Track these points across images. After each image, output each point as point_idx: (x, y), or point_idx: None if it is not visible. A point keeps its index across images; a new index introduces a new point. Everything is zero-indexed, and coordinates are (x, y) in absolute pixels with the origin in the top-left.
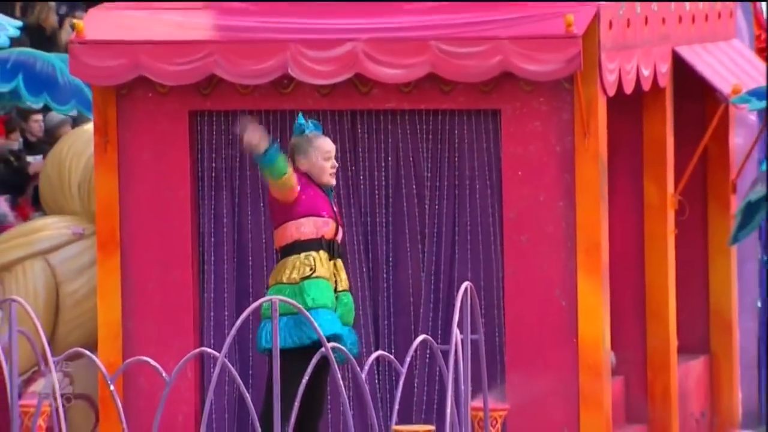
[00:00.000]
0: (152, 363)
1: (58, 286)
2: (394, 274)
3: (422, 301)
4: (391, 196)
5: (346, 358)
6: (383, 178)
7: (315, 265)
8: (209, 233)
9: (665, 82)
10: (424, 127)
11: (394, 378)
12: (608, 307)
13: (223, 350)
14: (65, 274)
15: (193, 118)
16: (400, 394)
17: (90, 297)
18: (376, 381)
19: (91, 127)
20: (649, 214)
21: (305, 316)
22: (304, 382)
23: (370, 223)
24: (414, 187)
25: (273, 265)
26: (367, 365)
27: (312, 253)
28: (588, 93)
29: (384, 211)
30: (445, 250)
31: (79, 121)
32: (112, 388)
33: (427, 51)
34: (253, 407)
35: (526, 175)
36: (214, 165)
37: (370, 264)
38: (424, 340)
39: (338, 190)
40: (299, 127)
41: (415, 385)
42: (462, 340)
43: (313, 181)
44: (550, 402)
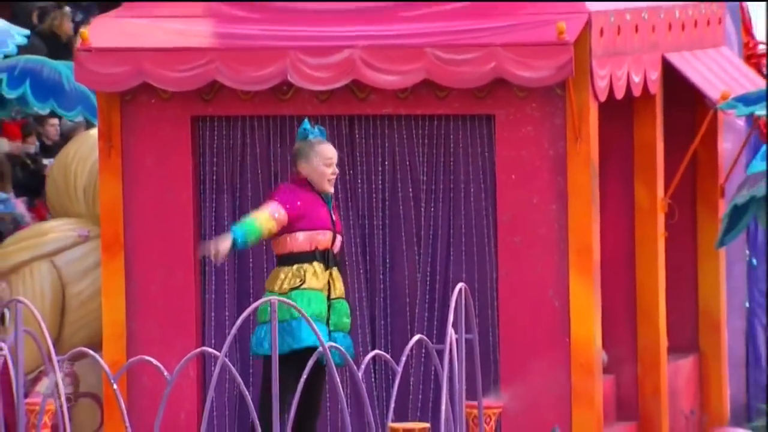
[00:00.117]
0: (154, 362)
1: (64, 287)
2: (391, 275)
3: (418, 301)
4: (388, 199)
5: (344, 361)
6: (380, 182)
7: (305, 277)
8: (211, 236)
9: (655, 89)
10: (420, 131)
11: (391, 377)
12: (599, 307)
13: (223, 350)
14: (71, 275)
15: (195, 124)
16: (396, 393)
17: (95, 298)
18: (372, 380)
19: (96, 132)
20: (640, 217)
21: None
22: (301, 384)
23: (367, 226)
24: (410, 191)
25: (272, 267)
26: (364, 364)
27: (304, 265)
28: (580, 99)
29: (381, 214)
30: (441, 251)
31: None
32: (115, 387)
33: (423, 58)
34: (253, 405)
35: (520, 179)
36: (215, 169)
37: (368, 266)
38: (419, 340)
39: (336, 193)
40: (303, 132)
41: (411, 384)
42: (457, 340)
43: (313, 189)
44: (543, 399)
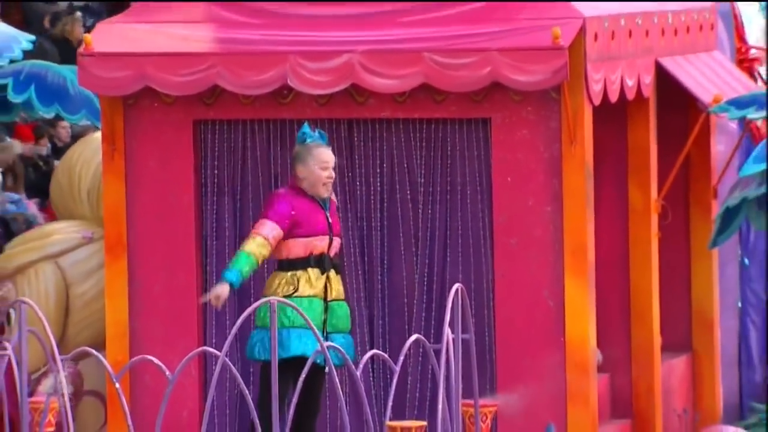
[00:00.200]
0: (156, 361)
1: (68, 287)
2: (389, 276)
3: (415, 302)
4: (386, 201)
5: (343, 361)
6: (378, 184)
7: (298, 285)
8: (212, 237)
9: (649, 92)
10: (418, 135)
11: (389, 376)
12: (594, 307)
13: (223, 349)
14: (75, 276)
15: (197, 127)
16: (393, 392)
17: (98, 298)
18: (371, 379)
19: (100, 135)
20: (634, 219)
21: (304, 317)
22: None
23: (366, 227)
24: (408, 193)
25: (272, 268)
26: (362, 364)
27: (298, 272)
28: (574, 102)
29: (379, 216)
30: (438, 252)
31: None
32: (117, 386)
33: (421, 62)
34: (253, 404)
35: (516, 181)
36: (216, 172)
37: (366, 267)
38: (417, 340)
39: (335, 195)
40: (301, 135)
41: (409, 383)
42: (453, 340)
43: (308, 195)
44: (538, 398)
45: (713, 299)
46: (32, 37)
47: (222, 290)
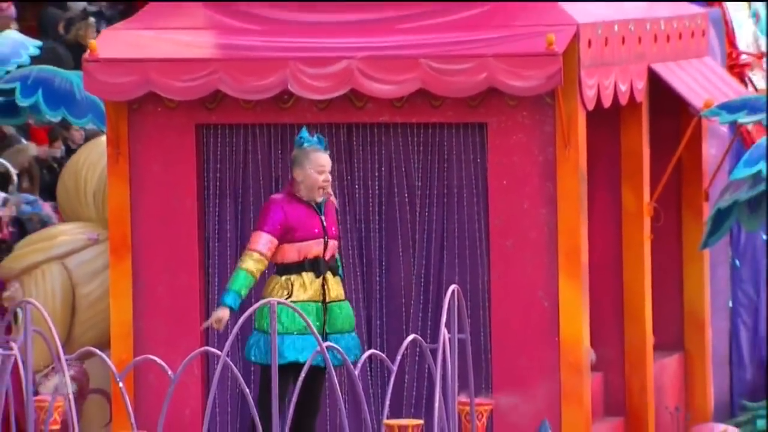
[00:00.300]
0: (158, 361)
1: (74, 288)
2: (387, 277)
3: (413, 302)
4: (384, 204)
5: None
6: (377, 187)
7: (292, 290)
8: (214, 239)
9: (641, 97)
10: (415, 139)
11: (386, 375)
12: (588, 307)
13: (224, 349)
14: (80, 277)
15: (200, 131)
16: (391, 391)
17: (103, 299)
18: (368, 378)
19: (105, 139)
20: (627, 221)
21: (303, 317)
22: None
23: (364, 230)
24: (406, 196)
25: (273, 269)
26: (360, 363)
27: (292, 277)
28: (568, 107)
29: (377, 218)
30: (435, 254)
31: None
32: (121, 385)
33: (418, 68)
34: (254, 403)
35: (511, 184)
36: (219, 175)
37: (364, 268)
38: (414, 340)
39: (335, 198)
40: (299, 140)
41: (406, 382)
42: (450, 340)
43: (303, 200)
44: (533, 397)
45: (705, 300)
46: (39, 43)
47: (223, 314)
